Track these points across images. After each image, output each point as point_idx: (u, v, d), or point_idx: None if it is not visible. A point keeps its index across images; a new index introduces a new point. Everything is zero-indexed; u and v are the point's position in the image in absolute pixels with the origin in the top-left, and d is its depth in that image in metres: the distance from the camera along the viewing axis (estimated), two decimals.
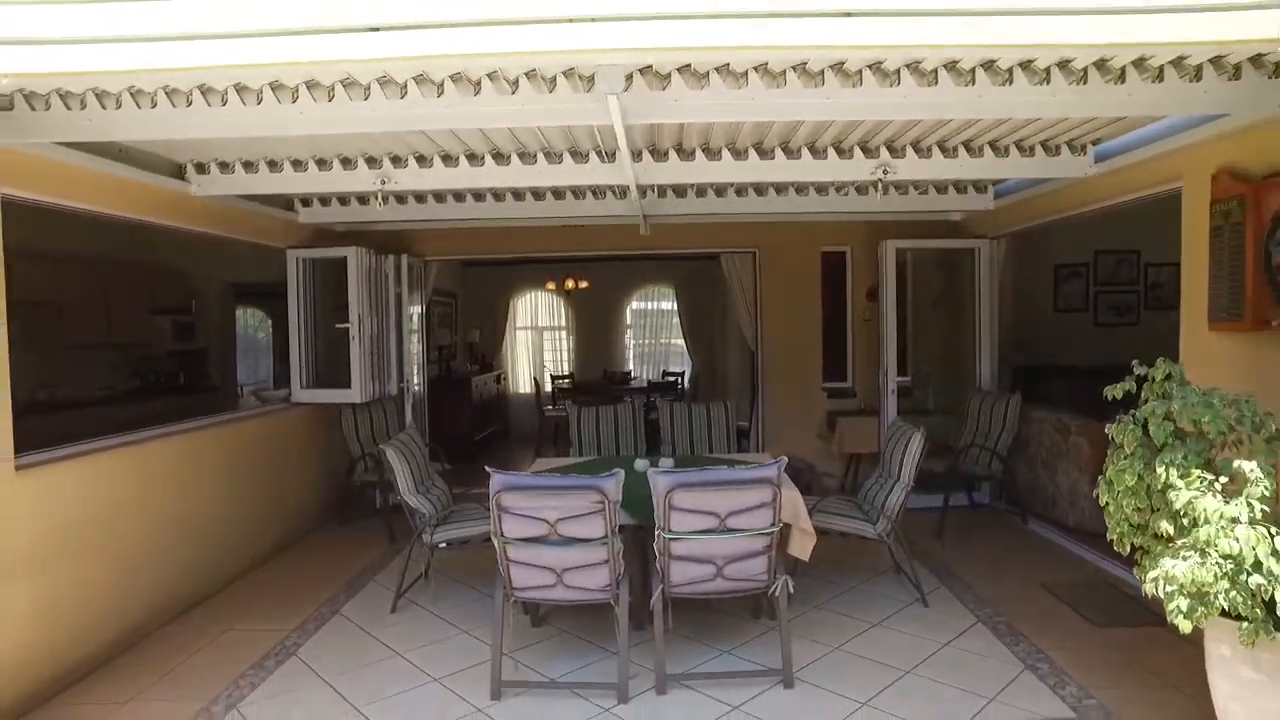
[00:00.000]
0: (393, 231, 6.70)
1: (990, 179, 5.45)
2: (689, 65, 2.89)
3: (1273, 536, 2.55)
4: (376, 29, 2.37)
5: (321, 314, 6.30)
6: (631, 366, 11.38)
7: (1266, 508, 2.61)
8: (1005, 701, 3.36)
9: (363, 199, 5.64)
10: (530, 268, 10.57)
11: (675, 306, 11.07)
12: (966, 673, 3.63)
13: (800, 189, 5.62)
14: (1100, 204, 4.76)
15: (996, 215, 6.02)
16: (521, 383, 11.48)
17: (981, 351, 6.53)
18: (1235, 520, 2.59)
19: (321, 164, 4.53)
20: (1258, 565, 2.55)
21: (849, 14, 2.33)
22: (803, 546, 4.05)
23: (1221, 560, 2.59)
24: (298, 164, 4.55)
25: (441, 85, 3.03)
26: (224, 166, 4.58)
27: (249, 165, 4.58)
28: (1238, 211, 3.45)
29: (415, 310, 7.11)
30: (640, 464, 4.32)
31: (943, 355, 7.03)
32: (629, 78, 2.89)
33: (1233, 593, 2.57)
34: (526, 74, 2.96)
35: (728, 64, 2.92)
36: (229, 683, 3.65)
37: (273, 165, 4.56)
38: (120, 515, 4.04)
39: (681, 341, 11.15)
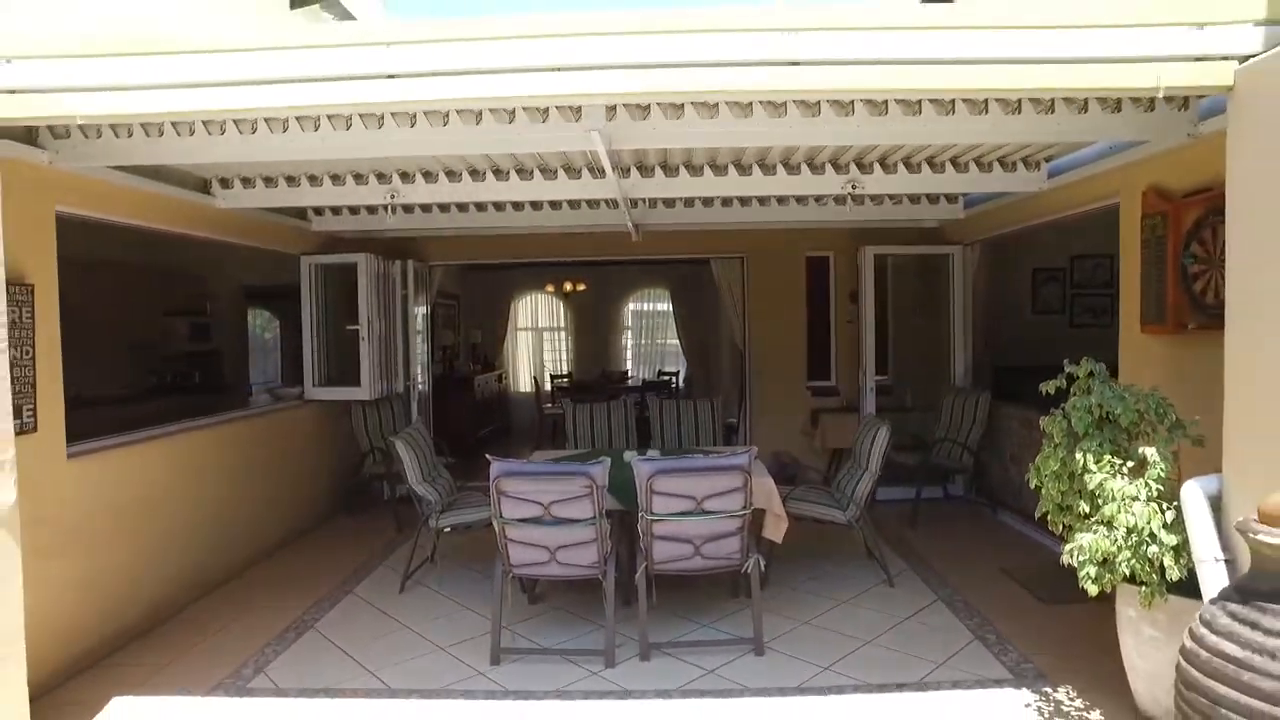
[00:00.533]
0: (400, 237, 7.12)
1: (955, 192, 5.86)
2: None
3: (1164, 512, 2.96)
4: (393, 76, 2.80)
5: (332, 316, 6.73)
6: (630, 366, 11.81)
7: (1162, 487, 3.02)
8: (952, 666, 3.77)
9: (372, 209, 6.06)
10: (529, 271, 11.01)
11: (671, 308, 11.50)
12: (921, 642, 4.04)
13: (781, 200, 6.04)
14: (1055, 215, 5.17)
15: (966, 224, 6.44)
16: (521, 382, 11.92)
17: (955, 351, 6.94)
18: (1135, 498, 3.01)
19: (336, 179, 4.95)
20: (1153, 536, 2.97)
21: (796, 63, 2.75)
22: (776, 529, 4.47)
23: (1124, 533, 3.01)
24: (314, 179, 4.97)
25: (447, 116, 3.45)
26: (246, 181, 5.00)
27: (269, 180, 5.00)
28: (1161, 226, 3.86)
29: (420, 312, 7.54)
30: (629, 455, 4.73)
31: (921, 355, 7.43)
32: (612, 109, 3.31)
33: (1133, 561, 2.99)
34: (523, 107, 3.38)
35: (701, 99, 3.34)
36: (255, 650, 4.08)
37: (290, 180, 4.99)
38: (154, 500, 4.47)
39: (676, 342, 11.58)
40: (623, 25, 2.77)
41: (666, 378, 11.02)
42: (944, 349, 7.10)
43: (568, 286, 10.87)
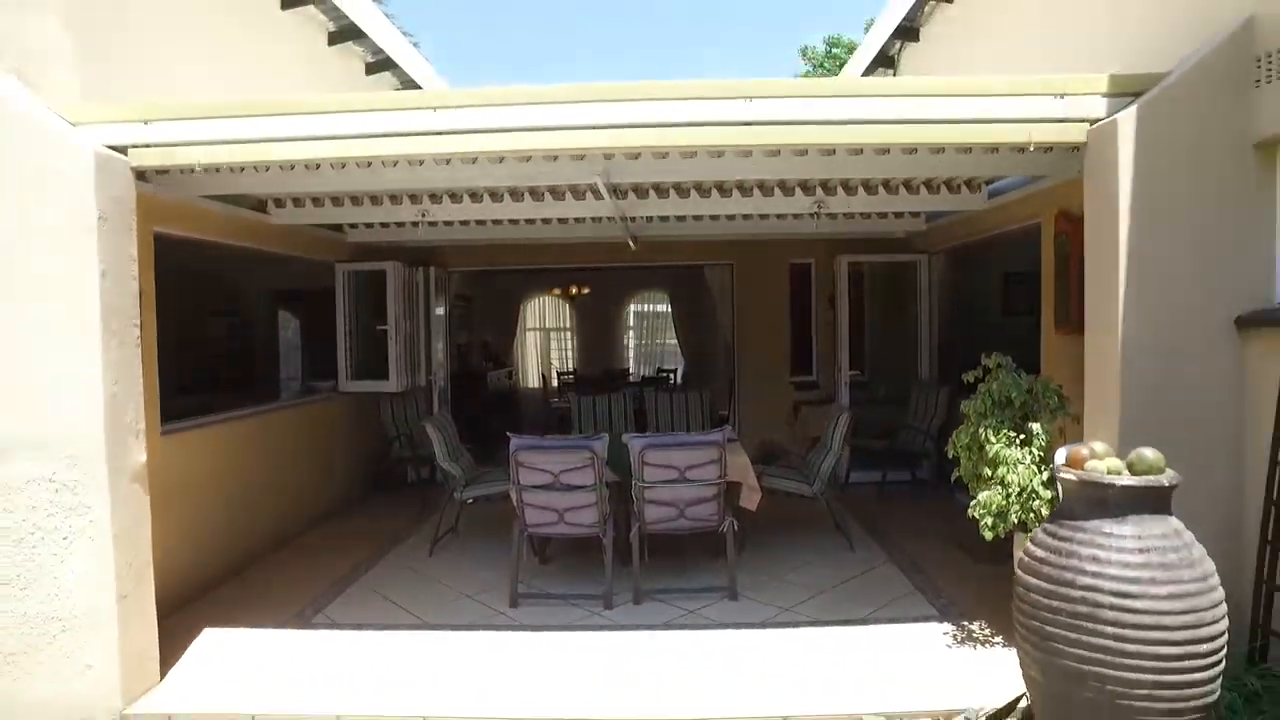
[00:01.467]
0: (422, 246, 7.98)
1: (911, 210, 6.68)
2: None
3: (1042, 473, 3.80)
4: (439, 133, 3.66)
5: (361, 316, 7.59)
6: (631, 364, 12.68)
7: (1044, 454, 3.86)
8: (891, 608, 4.62)
9: (401, 224, 6.91)
10: (537, 276, 11.87)
11: (669, 310, 12.35)
12: (868, 592, 4.89)
13: (763, 215, 6.87)
14: (997, 230, 6.01)
15: (929, 235, 7.27)
16: (530, 378, 12.79)
17: (922, 349, 7.77)
18: (1020, 462, 3.85)
19: (374, 200, 5.80)
20: (1035, 493, 3.80)
21: (749, 124, 3.60)
22: (750, 499, 5.31)
23: (1015, 490, 3.85)
24: (355, 200, 5.83)
25: (475, 158, 4.30)
26: (296, 201, 5.86)
27: (316, 200, 5.86)
28: (1067, 244, 4.70)
29: (440, 313, 8.41)
30: (626, 437, 5.58)
31: (893, 352, 8.26)
32: (609, 155, 4.16)
33: (1020, 512, 3.82)
34: (539, 155, 4.23)
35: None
36: (313, 597, 4.95)
37: (335, 201, 5.84)
38: (223, 472, 5.34)
39: (675, 341, 12.43)
40: (613, 94, 3.63)
41: (665, 374, 11.89)
42: (913, 347, 7.93)
43: (573, 290, 11.74)
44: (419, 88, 8.55)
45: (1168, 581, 2.54)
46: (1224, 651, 2.56)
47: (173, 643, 4.12)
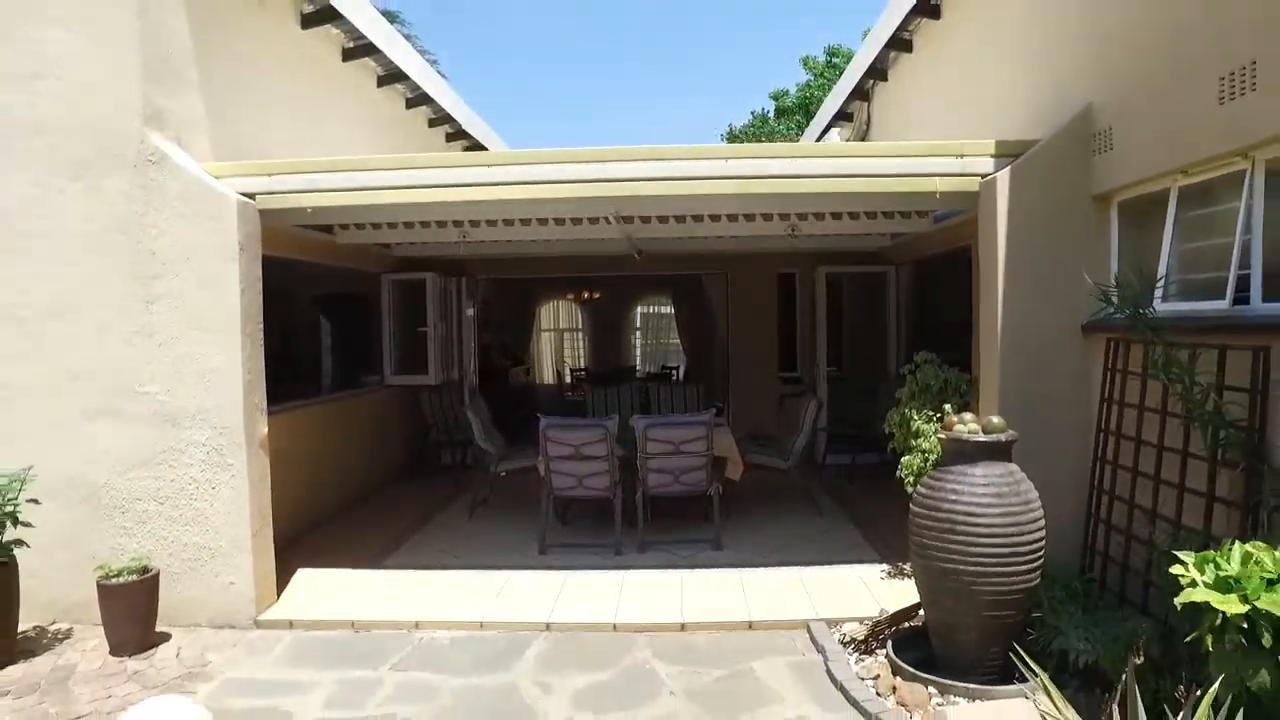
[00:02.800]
0: (455, 259, 9.24)
1: (866, 233, 7.90)
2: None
3: None
4: (495, 184, 4.92)
5: (403, 319, 8.85)
6: (637, 361, 13.94)
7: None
8: (843, 554, 5.83)
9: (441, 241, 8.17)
10: (553, 282, 13.13)
11: (672, 312, 13.61)
12: (829, 544, 6.11)
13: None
14: (944, 249, 7.23)
15: (895, 250, 8.49)
16: (546, 374, 14.06)
17: (891, 347, 9.00)
18: (934, 433, 5.08)
19: (424, 224, 7.06)
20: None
21: (727, 177, 4.85)
22: (734, 471, 6.54)
23: (932, 456, 5.07)
24: (408, 224, 7.09)
25: (518, 199, 5.56)
26: (359, 225, 7.13)
27: (375, 224, 7.13)
28: None
29: (469, 315, 9.67)
30: (633, 419, 6.83)
31: (869, 350, 9.49)
32: (621, 199, 5.41)
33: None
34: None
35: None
36: (380, 547, 6.22)
37: (390, 225, 7.11)
38: (303, 448, 6.60)
39: (678, 341, 13.69)
40: (623, 155, 4.88)
41: (668, 371, 13.14)
42: (884, 346, 9.15)
43: (584, 295, 13.00)
44: (449, 116, 9.83)
45: (1001, 505, 3.77)
46: (1040, 554, 3.77)
47: (275, 577, 5.38)
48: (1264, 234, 3.44)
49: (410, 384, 8.79)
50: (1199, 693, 2.32)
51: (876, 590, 5.08)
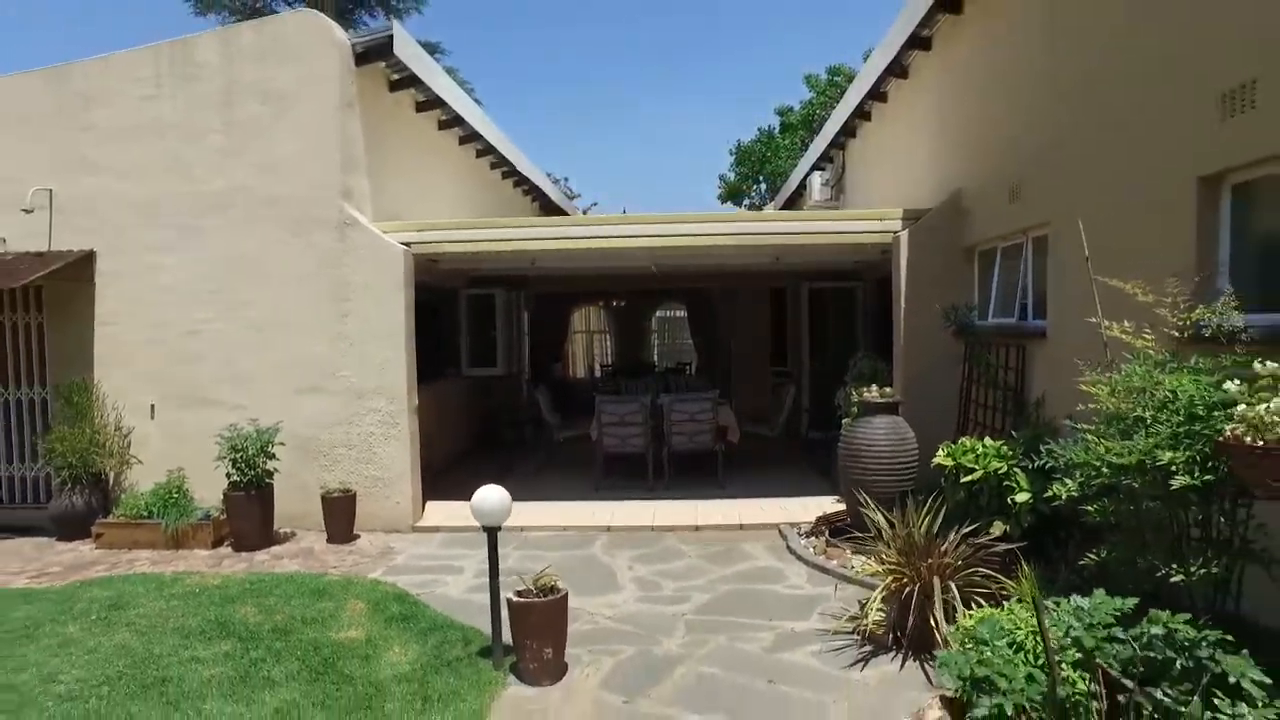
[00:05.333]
0: (516, 276, 11.87)
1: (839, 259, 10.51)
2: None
3: None
4: (575, 238, 7.56)
5: (477, 322, 11.49)
6: (656, 359, 16.56)
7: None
8: (809, 491, 8.41)
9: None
10: (587, 293, 15.77)
11: (685, 318, 16.22)
12: (799, 486, 8.70)
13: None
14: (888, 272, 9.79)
15: (864, 269, 11.08)
16: (579, 369, 16.70)
17: (859, 345, 11.55)
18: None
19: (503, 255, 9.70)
20: None
21: (730, 235, 7.48)
22: (733, 435, 9.15)
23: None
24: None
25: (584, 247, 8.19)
26: (455, 257, 9.77)
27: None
28: None
29: (525, 320, 12.32)
30: (662, 398, 9.44)
31: (844, 348, 12.05)
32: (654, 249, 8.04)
33: None
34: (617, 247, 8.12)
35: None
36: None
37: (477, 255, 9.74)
38: (425, 415, 9.25)
39: (690, 341, 16.31)
40: (665, 216, 7.51)
41: (682, 366, 15.76)
42: (855, 344, 11.71)
43: (612, 303, 15.62)
44: (507, 161, 12.47)
45: (889, 441, 6.35)
46: (913, 467, 6.33)
47: (422, 500, 8.01)
48: (1033, 280, 6.03)
49: (481, 375, 11.44)
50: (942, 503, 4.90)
51: (825, 508, 7.67)
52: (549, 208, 15.44)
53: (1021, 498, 4.35)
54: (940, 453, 5.12)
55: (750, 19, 56.77)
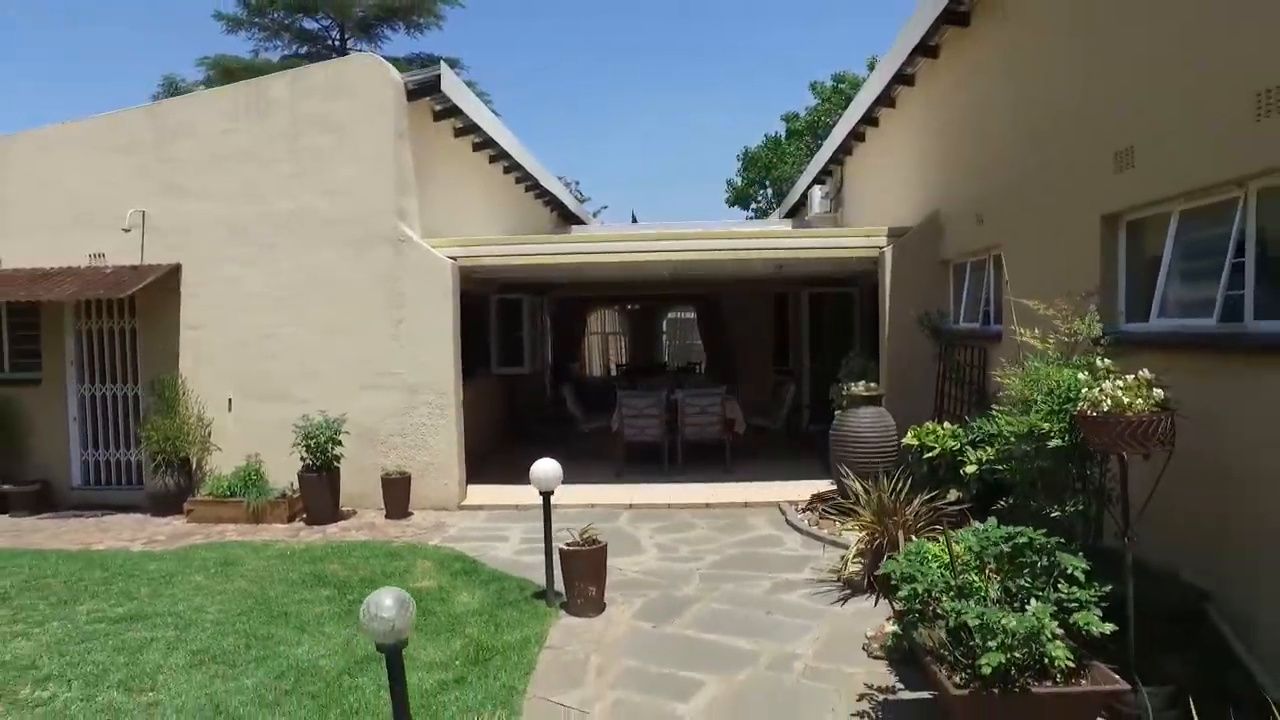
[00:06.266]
0: (541, 283, 13.03)
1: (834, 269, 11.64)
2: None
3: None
4: (592, 254, 8.73)
5: (504, 325, 12.65)
6: (667, 358, 17.71)
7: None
8: (806, 476, 9.55)
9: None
10: (602, 296, 16.92)
11: (695, 319, 17.36)
12: (798, 471, 9.82)
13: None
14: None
15: (859, 276, 12.19)
16: (594, 368, 17.86)
17: (855, 346, 12.68)
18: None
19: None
20: None
21: (736, 249, 8.63)
22: (740, 427, 10.29)
23: None
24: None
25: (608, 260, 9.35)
26: (496, 269, 10.93)
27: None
28: None
29: (548, 324, 13.48)
30: (677, 393, 10.58)
31: (841, 348, 13.16)
32: (675, 262, 9.19)
33: None
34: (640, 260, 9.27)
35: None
36: (509, 478, 10.01)
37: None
38: (470, 405, 10.42)
39: (698, 342, 17.44)
40: (680, 233, 8.65)
41: (692, 366, 16.90)
42: (850, 344, 12.84)
43: (626, 306, 16.78)
44: (530, 176, 13.63)
45: (873, 429, 7.48)
46: (893, 449, 7.46)
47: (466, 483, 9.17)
48: (993, 291, 7.16)
49: (509, 373, 12.61)
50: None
51: (819, 489, 8.80)
52: (567, 216, 16.59)
53: (970, 469, 5.46)
54: (909, 435, 6.25)
55: (753, 23, 57.88)
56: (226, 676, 4.47)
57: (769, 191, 33.90)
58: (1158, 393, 3.41)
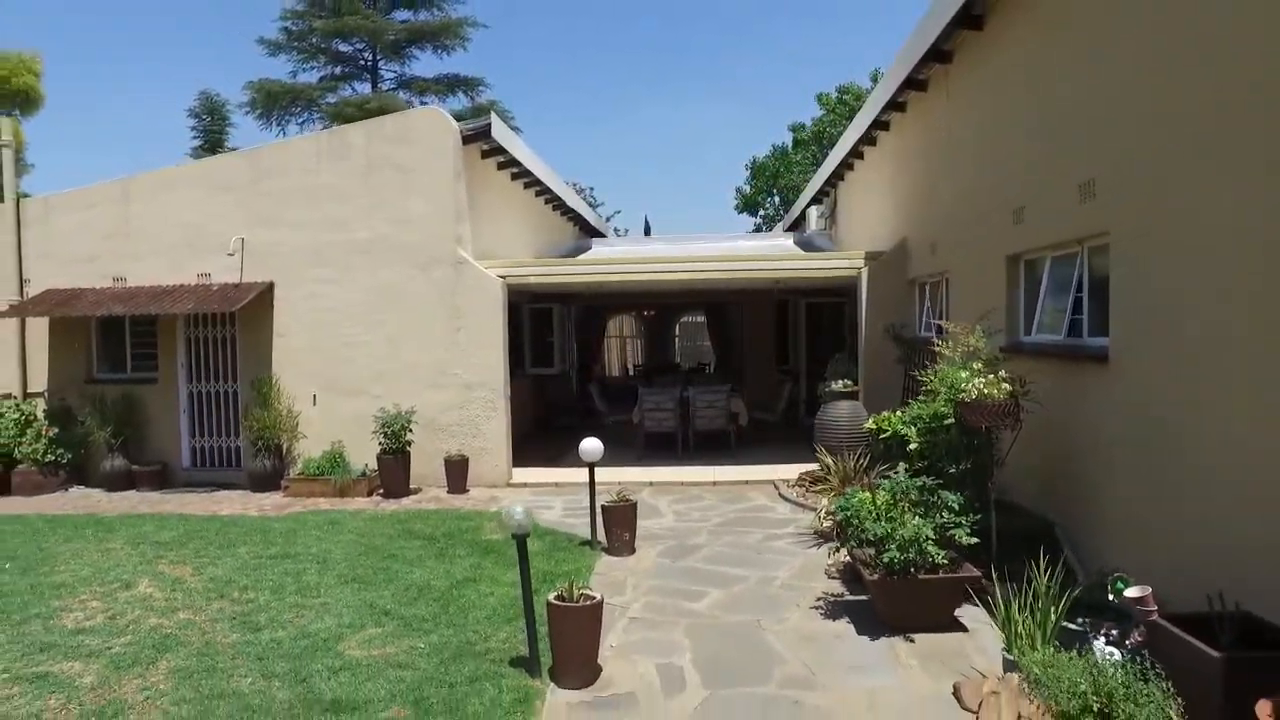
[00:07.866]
0: (567, 292, 14.87)
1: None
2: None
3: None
4: (614, 273, 10.58)
5: (535, 330, 14.51)
6: (679, 359, 19.53)
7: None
8: (799, 460, 11.37)
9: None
10: (620, 304, 18.77)
11: (705, 324, 19.18)
12: (794, 457, 11.63)
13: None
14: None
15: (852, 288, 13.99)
16: (613, 369, 19.70)
17: (845, 350, 14.48)
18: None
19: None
20: None
21: (738, 271, 10.47)
22: (743, 419, 12.11)
23: None
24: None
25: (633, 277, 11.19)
26: (539, 286, 12.78)
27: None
28: None
29: (572, 329, 15.33)
30: (689, 390, 12.40)
31: (835, 351, 14.98)
32: (683, 276, 11.02)
33: None
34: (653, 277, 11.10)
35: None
36: (546, 462, 11.88)
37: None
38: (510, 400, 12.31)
39: (708, 344, 19.26)
40: (691, 256, 10.50)
41: (702, 366, 18.72)
42: (842, 347, 14.64)
43: (642, 312, 18.61)
44: (557, 197, 15.48)
45: (849, 418, 9.29)
46: (864, 435, 9.26)
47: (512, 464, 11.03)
48: (946, 305, 8.95)
49: (540, 373, 14.47)
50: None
51: (809, 470, 10.62)
52: (586, 229, 18.44)
53: (913, 446, 7.28)
54: (869, 421, 8.06)
55: (761, 27, 59.68)
56: (369, 590, 6.34)
57: (775, 199, 35.68)
58: (1006, 386, 5.23)
